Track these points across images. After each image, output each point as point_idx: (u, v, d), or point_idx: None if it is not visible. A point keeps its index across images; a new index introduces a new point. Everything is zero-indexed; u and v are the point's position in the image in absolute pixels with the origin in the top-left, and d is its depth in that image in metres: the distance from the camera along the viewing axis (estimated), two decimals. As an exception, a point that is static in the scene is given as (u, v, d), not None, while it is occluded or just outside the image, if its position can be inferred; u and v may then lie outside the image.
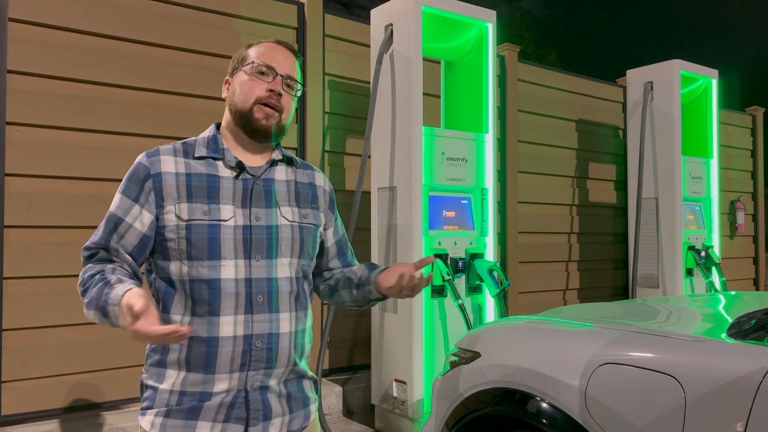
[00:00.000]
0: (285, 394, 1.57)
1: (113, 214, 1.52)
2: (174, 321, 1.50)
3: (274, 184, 1.61)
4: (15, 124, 3.48)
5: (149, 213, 1.51)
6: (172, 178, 1.52)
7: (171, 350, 1.50)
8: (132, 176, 1.54)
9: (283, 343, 1.54)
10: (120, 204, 1.53)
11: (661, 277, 5.42)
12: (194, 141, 1.62)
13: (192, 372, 1.48)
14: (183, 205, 1.50)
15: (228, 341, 1.48)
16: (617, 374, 1.85)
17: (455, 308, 3.76)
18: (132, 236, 1.51)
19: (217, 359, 1.47)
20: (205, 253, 1.48)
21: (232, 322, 1.49)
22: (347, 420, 4.29)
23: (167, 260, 1.51)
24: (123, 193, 1.53)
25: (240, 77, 1.62)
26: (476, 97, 4.18)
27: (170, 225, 1.50)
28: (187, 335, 1.27)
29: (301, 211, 1.64)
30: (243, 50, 1.67)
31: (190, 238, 1.48)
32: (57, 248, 3.55)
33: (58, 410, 3.56)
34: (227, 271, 1.49)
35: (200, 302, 1.48)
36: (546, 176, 6.00)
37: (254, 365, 1.50)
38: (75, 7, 3.66)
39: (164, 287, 1.52)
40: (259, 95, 1.58)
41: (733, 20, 62.55)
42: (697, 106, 5.93)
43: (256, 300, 1.51)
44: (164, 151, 1.56)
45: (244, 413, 1.50)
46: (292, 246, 1.59)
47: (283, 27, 4.50)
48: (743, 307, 2.45)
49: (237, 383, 1.50)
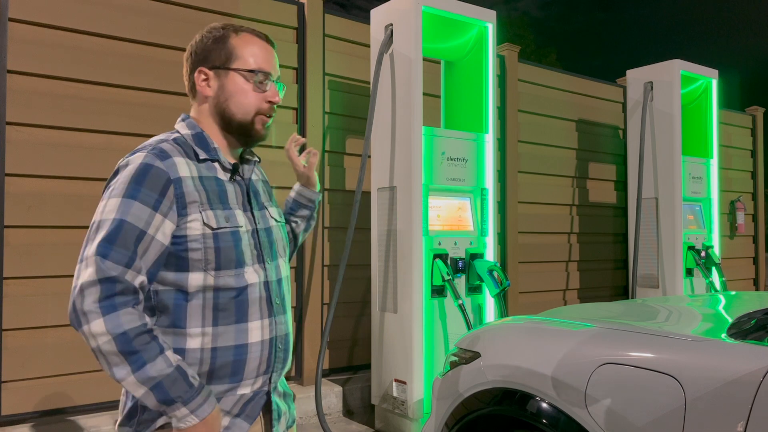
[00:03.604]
0: (282, 392, 1.60)
1: (132, 226, 1.33)
2: (191, 333, 1.41)
3: (255, 184, 1.61)
4: (15, 124, 3.48)
5: (171, 222, 1.38)
6: (191, 183, 1.41)
7: (189, 366, 1.39)
8: (146, 181, 1.36)
9: (291, 341, 1.59)
10: (137, 213, 1.34)
11: (661, 277, 5.42)
12: (182, 138, 1.49)
13: (215, 384, 1.43)
14: (209, 213, 1.42)
15: (256, 346, 1.47)
16: (617, 374, 1.85)
17: (455, 308, 3.76)
18: (153, 251, 1.36)
19: (245, 366, 1.46)
20: (232, 262, 1.44)
21: (259, 326, 1.48)
22: (347, 420, 4.29)
23: (184, 271, 1.40)
24: (138, 200, 1.34)
25: (235, 82, 1.50)
26: (476, 97, 4.18)
27: (194, 234, 1.39)
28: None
29: (278, 210, 1.68)
30: (221, 35, 1.52)
31: (219, 246, 1.41)
32: (57, 248, 3.55)
33: (58, 410, 3.55)
34: (251, 276, 1.47)
35: (227, 311, 1.43)
36: (546, 176, 6.00)
37: (276, 367, 1.52)
38: (75, 7, 3.66)
39: (174, 300, 1.40)
40: (260, 107, 1.52)
41: (733, 20, 62.56)
42: (697, 106, 5.93)
43: (275, 302, 1.52)
44: (172, 152, 1.43)
45: (257, 412, 1.50)
46: (283, 245, 1.64)
47: (283, 27, 4.50)
48: (743, 307, 2.45)
49: (260, 386, 1.50)
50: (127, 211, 1.33)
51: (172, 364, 1.32)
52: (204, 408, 1.35)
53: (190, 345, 1.41)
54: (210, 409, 1.37)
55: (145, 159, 1.38)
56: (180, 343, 1.41)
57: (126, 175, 1.37)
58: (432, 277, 3.78)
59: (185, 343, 1.41)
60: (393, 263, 3.83)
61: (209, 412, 1.36)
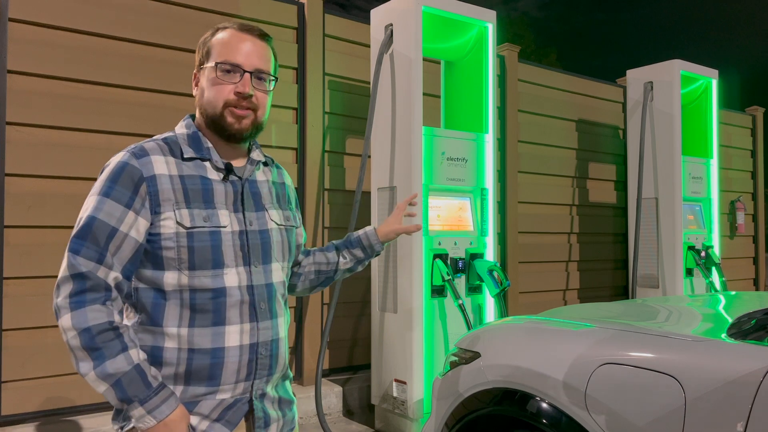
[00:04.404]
0: (277, 399, 1.56)
1: (104, 223, 1.35)
2: (168, 333, 1.41)
3: (258, 185, 1.58)
4: (15, 124, 3.48)
5: (145, 220, 1.39)
6: (167, 181, 1.41)
7: (165, 365, 1.41)
8: (120, 179, 1.38)
9: (281, 348, 1.54)
10: (110, 210, 1.36)
11: (661, 277, 5.42)
12: (174, 138, 1.50)
13: (192, 385, 1.42)
14: (183, 212, 1.41)
15: (234, 351, 1.44)
16: (617, 374, 1.85)
17: (455, 308, 3.76)
18: (127, 248, 1.37)
19: (222, 370, 1.43)
20: (208, 262, 1.42)
21: (238, 331, 1.45)
22: (347, 420, 4.29)
23: (159, 270, 1.40)
24: (110, 197, 1.37)
25: (206, 76, 1.49)
26: (476, 97, 4.18)
27: (168, 233, 1.39)
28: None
29: (284, 213, 1.62)
30: (208, 37, 1.52)
31: (192, 246, 1.40)
32: (57, 248, 3.55)
33: (58, 410, 3.56)
34: (230, 279, 1.44)
35: (203, 312, 1.42)
36: (546, 176, 6.01)
37: (259, 373, 1.48)
38: (75, 7, 3.66)
39: (152, 298, 1.41)
40: (227, 99, 1.46)
41: (733, 20, 62.58)
42: (697, 106, 5.93)
43: (259, 307, 1.48)
44: (151, 150, 1.43)
45: (238, 418, 1.47)
46: (282, 250, 1.58)
47: (283, 27, 4.50)
48: (743, 307, 2.45)
49: (241, 392, 1.47)
50: (100, 208, 1.36)
51: (132, 363, 1.33)
52: (161, 409, 1.35)
53: (167, 344, 1.41)
54: (168, 411, 1.35)
55: (123, 158, 1.41)
56: (158, 342, 1.41)
57: (104, 174, 1.41)
58: (432, 277, 3.79)
59: (163, 341, 1.41)
60: (393, 263, 3.83)
61: (167, 414, 1.35)
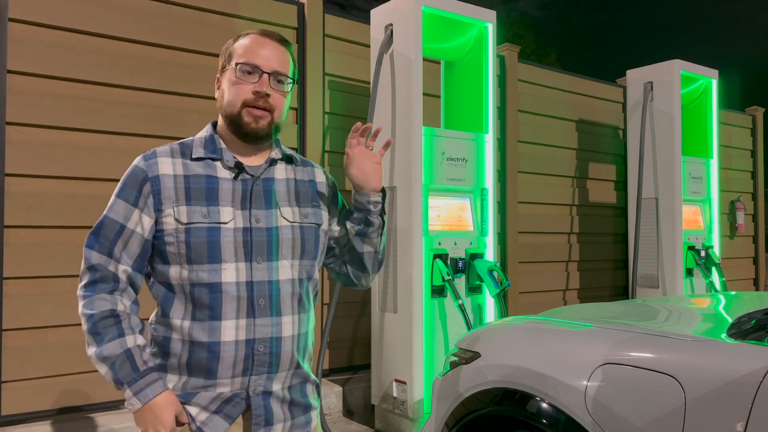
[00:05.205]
0: (288, 400, 1.56)
1: (113, 221, 1.48)
2: (174, 324, 1.49)
3: (274, 183, 1.59)
4: (15, 124, 3.48)
5: (149, 217, 1.49)
6: (170, 181, 1.49)
7: (172, 355, 1.49)
8: (129, 180, 1.51)
9: (285, 347, 1.53)
10: (118, 209, 1.49)
11: (661, 277, 5.42)
12: (191, 141, 1.58)
13: (193, 377, 1.48)
14: (182, 208, 1.48)
15: (230, 346, 1.46)
16: (617, 374, 1.85)
17: (455, 308, 3.76)
18: (135, 243, 1.49)
19: (219, 364, 1.46)
20: (204, 257, 1.46)
21: (233, 326, 1.47)
22: (347, 420, 4.29)
23: (166, 264, 1.49)
24: (120, 197, 1.50)
25: (227, 78, 1.57)
26: (476, 97, 4.18)
27: (169, 229, 1.47)
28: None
29: (302, 211, 1.60)
30: (231, 43, 1.60)
31: (189, 241, 1.47)
32: (57, 248, 3.55)
33: (57, 410, 3.56)
34: (228, 274, 1.48)
35: (201, 306, 1.47)
36: (546, 176, 6.00)
37: (257, 370, 1.49)
38: (75, 7, 3.66)
39: (163, 291, 1.51)
40: (245, 98, 1.53)
41: (733, 20, 62.59)
42: (697, 106, 5.93)
43: (258, 303, 1.49)
44: (161, 153, 1.53)
45: (237, 413, 1.49)
46: (293, 247, 1.57)
47: (283, 27, 4.50)
48: (743, 307, 2.45)
49: (239, 387, 1.49)
50: (111, 207, 1.50)
51: (124, 347, 1.43)
52: (146, 392, 1.42)
53: (174, 335, 1.49)
54: (152, 395, 1.42)
55: (135, 161, 1.54)
56: (168, 333, 1.51)
57: (123, 176, 1.54)
58: (432, 277, 3.79)
59: (171, 333, 1.50)
60: (393, 263, 3.83)
61: (151, 397, 1.42)
